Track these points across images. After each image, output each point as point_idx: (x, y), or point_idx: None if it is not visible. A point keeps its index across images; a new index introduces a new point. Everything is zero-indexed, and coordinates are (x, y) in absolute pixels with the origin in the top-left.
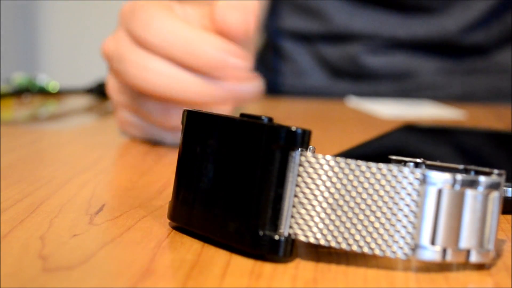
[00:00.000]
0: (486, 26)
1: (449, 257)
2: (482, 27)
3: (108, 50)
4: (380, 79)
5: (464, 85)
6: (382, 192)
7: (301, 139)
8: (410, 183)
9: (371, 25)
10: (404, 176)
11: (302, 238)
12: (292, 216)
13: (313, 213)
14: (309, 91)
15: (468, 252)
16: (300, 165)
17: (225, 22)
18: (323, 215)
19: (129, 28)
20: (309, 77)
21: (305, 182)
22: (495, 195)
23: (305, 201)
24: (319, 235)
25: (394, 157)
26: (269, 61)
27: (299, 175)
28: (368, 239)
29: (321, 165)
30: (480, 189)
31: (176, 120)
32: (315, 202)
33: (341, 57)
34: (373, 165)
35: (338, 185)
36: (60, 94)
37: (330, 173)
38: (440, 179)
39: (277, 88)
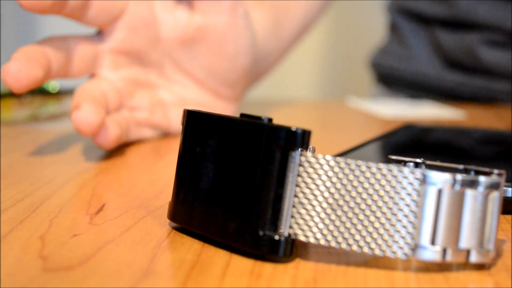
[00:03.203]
0: None
1: (449, 257)
2: None
3: None
4: (495, 75)
5: None
6: (382, 192)
7: (301, 139)
8: (410, 183)
9: (496, 15)
10: (404, 176)
11: (302, 238)
12: (292, 216)
13: (313, 213)
14: (418, 77)
15: (468, 252)
16: (300, 165)
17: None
18: (323, 215)
19: None
20: (420, 62)
21: (305, 182)
22: (495, 195)
23: (305, 201)
24: (319, 235)
25: (394, 157)
26: (385, 42)
27: (299, 175)
28: (368, 239)
29: (321, 165)
30: (480, 189)
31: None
32: (315, 202)
33: (458, 45)
34: (373, 165)
35: (338, 185)
36: (60, 94)
37: (330, 173)
38: (440, 179)
39: (382, 70)
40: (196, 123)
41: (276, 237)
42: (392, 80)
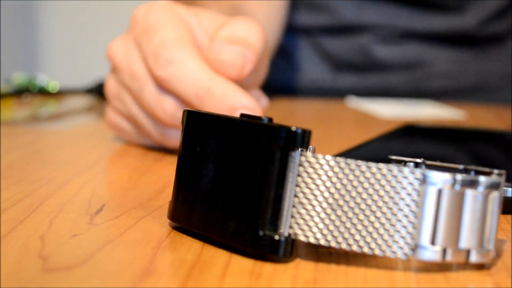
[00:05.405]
0: (504, 16)
1: (449, 257)
2: (500, 18)
3: (116, 56)
4: (391, 69)
5: (477, 73)
6: (382, 192)
7: (301, 139)
8: (410, 183)
9: (382, 16)
10: (404, 176)
11: (302, 238)
12: (292, 216)
13: (313, 213)
14: (310, 86)
15: (468, 252)
16: (300, 165)
17: (219, 59)
18: (323, 215)
19: (141, 48)
20: (309, 71)
21: (305, 182)
22: (495, 195)
23: (305, 201)
24: (319, 235)
25: (394, 157)
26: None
27: (299, 175)
28: (368, 239)
29: (321, 165)
30: (480, 189)
31: (174, 141)
32: (315, 202)
33: (348, 49)
34: (373, 165)
35: (338, 185)
36: (60, 94)
37: (330, 173)
38: (440, 179)
39: (275, 84)
40: (196, 123)
41: (276, 237)
42: (287, 92)
